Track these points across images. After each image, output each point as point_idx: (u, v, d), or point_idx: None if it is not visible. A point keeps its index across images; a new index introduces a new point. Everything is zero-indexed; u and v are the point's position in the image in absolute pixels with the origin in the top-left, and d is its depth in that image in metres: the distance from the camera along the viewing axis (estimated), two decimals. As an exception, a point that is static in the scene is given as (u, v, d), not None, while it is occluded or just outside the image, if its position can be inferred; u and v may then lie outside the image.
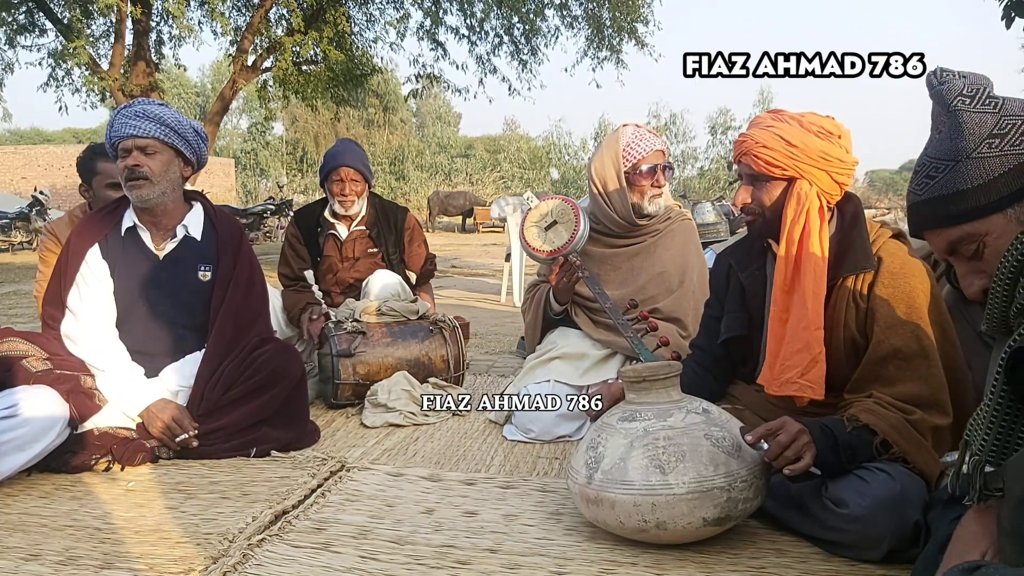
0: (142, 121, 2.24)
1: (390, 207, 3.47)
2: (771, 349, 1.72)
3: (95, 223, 2.37)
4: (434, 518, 1.79)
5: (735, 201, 1.81)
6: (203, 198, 2.51)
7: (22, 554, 1.58)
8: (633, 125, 2.59)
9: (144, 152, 2.26)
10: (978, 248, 1.15)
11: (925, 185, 1.17)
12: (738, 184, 1.82)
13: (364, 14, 10.95)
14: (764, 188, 1.73)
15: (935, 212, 1.17)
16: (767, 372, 1.73)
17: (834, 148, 1.68)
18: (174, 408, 2.20)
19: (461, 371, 3.01)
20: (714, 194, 20.51)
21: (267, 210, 16.65)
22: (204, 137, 2.41)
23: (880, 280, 1.64)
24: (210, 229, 2.44)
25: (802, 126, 1.68)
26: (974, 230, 1.14)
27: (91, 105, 11.06)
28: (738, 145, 1.77)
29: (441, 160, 32.62)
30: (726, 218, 6.83)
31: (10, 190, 21.55)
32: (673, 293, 2.59)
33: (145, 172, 2.25)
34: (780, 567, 1.51)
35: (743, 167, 1.76)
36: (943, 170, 1.15)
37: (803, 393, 1.65)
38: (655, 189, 2.54)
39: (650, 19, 10.70)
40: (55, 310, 2.28)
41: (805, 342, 1.64)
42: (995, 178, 1.10)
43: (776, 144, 1.68)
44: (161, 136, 2.26)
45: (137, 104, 2.29)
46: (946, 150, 1.15)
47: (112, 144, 2.28)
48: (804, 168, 1.67)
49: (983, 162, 1.11)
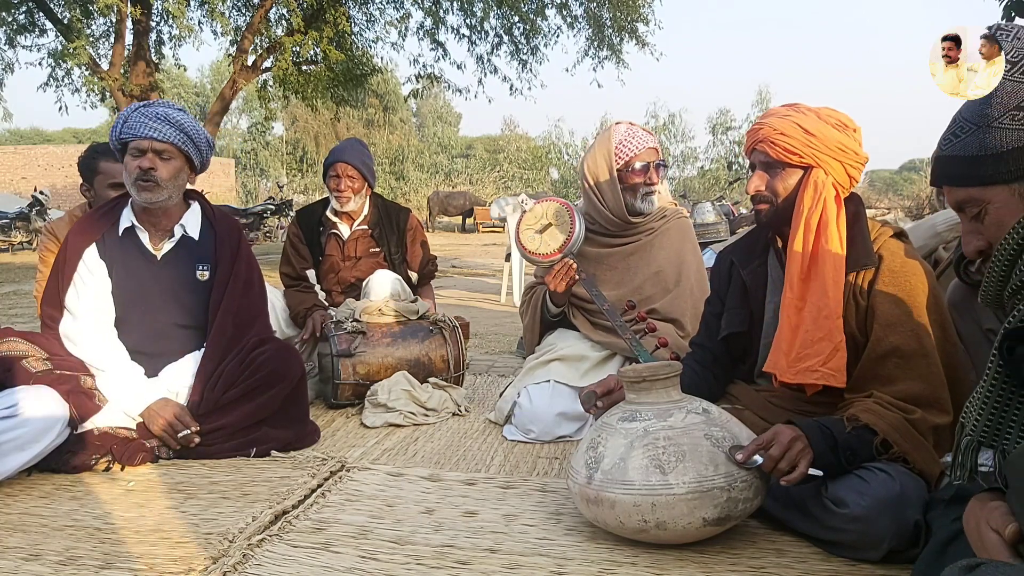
0: (162, 125, 2.24)
1: (392, 207, 3.48)
2: (784, 337, 1.70)
3: (92, 222, 2.37)
4: (434, 518, 1.79)
5: (748, 188, 1.81)
6: (201, 197, 2.51)
7: (22, 554, 1.58)
8: (626, 123, 2.59)
9: (160, 156, 2.26)
10: (980, 212, 1.17)
11: (950, 142, 1.20)
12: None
13: (364, 14, 10.95)
14: (779, 175, 1.73)
15: (951, 170, 1.19)
16: (779, 360, 1.71)
17: (850, 140, 1.69)
18: (175, 406, 2.20)
19: (461, 371, 3.01)
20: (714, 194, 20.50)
21: (267, 210, 16.65)
22: (212, 146, 2.43)
23: (880, 278, 1.64)
24: (208, 229, 2.44)
25: (819, 117, 1.70)
26: (979, 195, 1.16)
27: (91, 105, 11.08)
28: (753, 133, 1.76)
29: (441, 160, 32.64)
30: (726, 218, 6.83)
31: (10, 190, 21.56)
32: (670, 292, 2.59)
33: (158, 176, 2.25)
34: (780, 567, 1.52)
35: (758, 154, 1.75)
36: (967, 131, 1.16)
37: (826, 381, 1.64)
38: (648, 187, 2.54)
39: (650, 19, 10.71)
40: (53, 310, 2.28)
41: (827, 330, 1.63)
42: (1009, 151, 1.11)
43: (794, 132, 1.68)
44: (178, 143, 2.27)
45: (158, 106, 2.29)
46: (974, 113, 1.16)
47: (122, 140, 2.27)
48: (821, 157, 1.68)
49: (1002, 132, 1.12)
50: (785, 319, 1.71)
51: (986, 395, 1.05)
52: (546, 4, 10.39)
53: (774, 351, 1.74)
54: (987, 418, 1.04)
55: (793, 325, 1.69)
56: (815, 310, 1.66)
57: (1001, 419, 1.04)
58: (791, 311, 1.70)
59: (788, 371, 1.69)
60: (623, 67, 11.08)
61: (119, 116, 2.31)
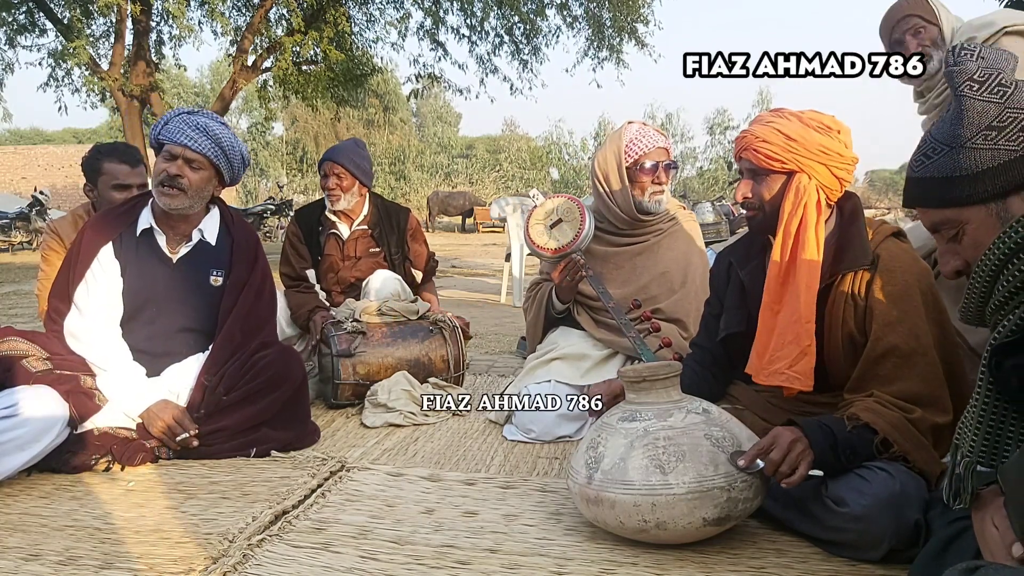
0: (199, 135, 2.25)
1: (392, 208, 3.47)
2: (761, 339, 1.74)
3: (110, 221, 2.37)
4: (434, 518, 1.79)
5: (736, 196, 1.83)
6: (221, 202, 2.51)
7: (22, 554, 1.58)
8: (639, 123, 2.60)
9: (190, 165, 2.27)
10: (957, 233, 1.17)
11: (921, 164, 1.19)
12: (738, 183, 1.84)
13: (364, 14, 10.97)
14: (764, 182, 1.75)
15: (924, 192, 1.19)
16: (755, 361, 1.75)
17: (833, 143, 1.70)
18: (174, 409, 2.19)
19: (461, 371, 3.01)
20: (714, 194, 20.52)
21: (267, 210, 16.66)
22: (247, 162, 2.43)
23: (879, 278, 1.65)
24: (225, 234, 2.44)
25: (801, 121, 1.71)
26: (955, 216, 1.16)
27: (91, 105, 11.10)
28: (739, 141, 1.79)
29: (441, 160, 32.62)
30: (726, 218, 6.85)
31: (10, 190, 21.54)
32: (675, 294, 2.59)
33: (184, 184, 2.26)
34: (780, 567, 1.52)
35: (743, 162, 1.78)
36: (939, 153, 1.16)
37: (791, 384, 1.66)
38: (656, 186, 2.54)
39: (650, 19, 10.72)
40: (60, 303, 2.27)
41: (796, 334, 1.66)
42: (983, 171, 1.11)
43: (775, 138, 1.70)
44: (211, 155, 2.28)
45: (201, 116, 2.31)
46: (946, 134, 1.16)
47: (159, 141, 2.29)
48: (803, 161, 1.69)
49: (976, 153, 1.12)
50: (762, 323, 1.75)
51: (979, 414, 1.05)
52: (546, 4, 10.40)
53: (752, 353, 1.77)
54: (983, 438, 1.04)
55: (768, 328, 1.73)
56: (788, 314, 1.69)
57: (997, 438, 1.03)
58: (767, 314, 1.73)
59: (761, 373, 1.73)
60: (623, 67, 11.10)
61: (163, 116, 2.33)
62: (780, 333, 1.69)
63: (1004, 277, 1.05)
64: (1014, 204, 1.11)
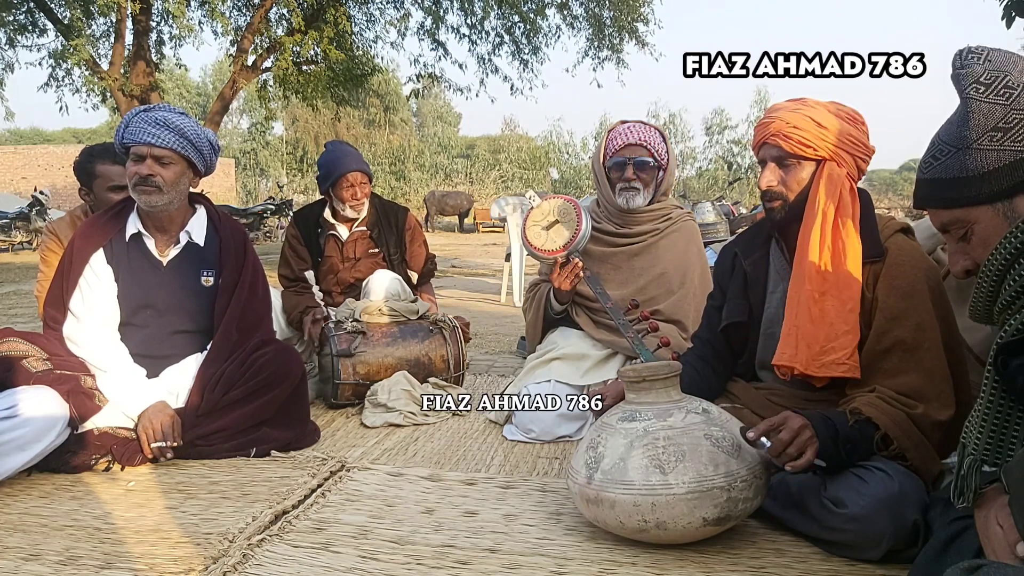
0: (161, 130, 2.23)
1: (390, 207, 3.48)
2: (805, 329, 1.66)
3: (99, 227, 2.36)
4: (434, 518, 1.79)
5: (760, 183, 1.79)
6: (207, 202, 2.51)
7: (22, 554, 1.59)
8: (633, 121, 2.62)
9: (159, 162, 2.25)
10: (966, 233, 1.19)
11: (930, 165, 1.21)
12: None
13: (364, 13, 10.95)
14: (793, 170, 1.72)
15: (933, 192, 1.21)
16: (800, 352, 1.65)
17: (859, 133, 1.70)
18: (167, 415, 2.17)
19: (461, 371, 3.01)
20: (713, 194, 20.50)
21: (267, 210, 16.65)
22: (217, 149, 2.41)
23: (886, 271, 1.65)
24: (213, 234, 2.44)
25: (828, 110, 1.71)
26: (964, 216, 1.18)
27: (92, 106, 11.09)
28: (763, 127, 1.75)
29: (441, 160, 32.60)
30: (726, 218, 6.84)
31: (10, 190, 21.54)
32: (674, 295, 2.59)
33: (158, 182, 2.24)
34: (780, 567, 1.52)
35: (769, 149, 1.74)
36: (947, 154, 1.18)
37: (850, 374, 1.62)
38: (624, 183, 2.57)
39: (650, 18, 10.72)
40: (56, 312, 2.27)
41: (852, 324, 1.63)
42: (990, 171, 1.13)
43: (807, 124, 1.68)
44: (178, 148, 2.25)
45: (158, 110, 2.27)
46: (953, 136, 1.17)
47: (123, 145, 2.27)
48: (833, 149, 1.68)
49: (982, 154, 1.13)
50: (804, 311, 1.67)
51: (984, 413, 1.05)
52: (546, 4, 10.39)
53: (788, 343, 1.68)
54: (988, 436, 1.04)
55: (813, 317, 1.65)
56: (838, 303, 1.64)
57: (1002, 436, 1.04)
58: (809, 303, 1.66)
59: (812, 364, 1.64)
60: (623, 67, 11.10)
61: (123, 120, 2.30)
62: (831, 323, 1.64)
63: (1011, 276, 1.07)
64: (1021, 204, 1.13)
